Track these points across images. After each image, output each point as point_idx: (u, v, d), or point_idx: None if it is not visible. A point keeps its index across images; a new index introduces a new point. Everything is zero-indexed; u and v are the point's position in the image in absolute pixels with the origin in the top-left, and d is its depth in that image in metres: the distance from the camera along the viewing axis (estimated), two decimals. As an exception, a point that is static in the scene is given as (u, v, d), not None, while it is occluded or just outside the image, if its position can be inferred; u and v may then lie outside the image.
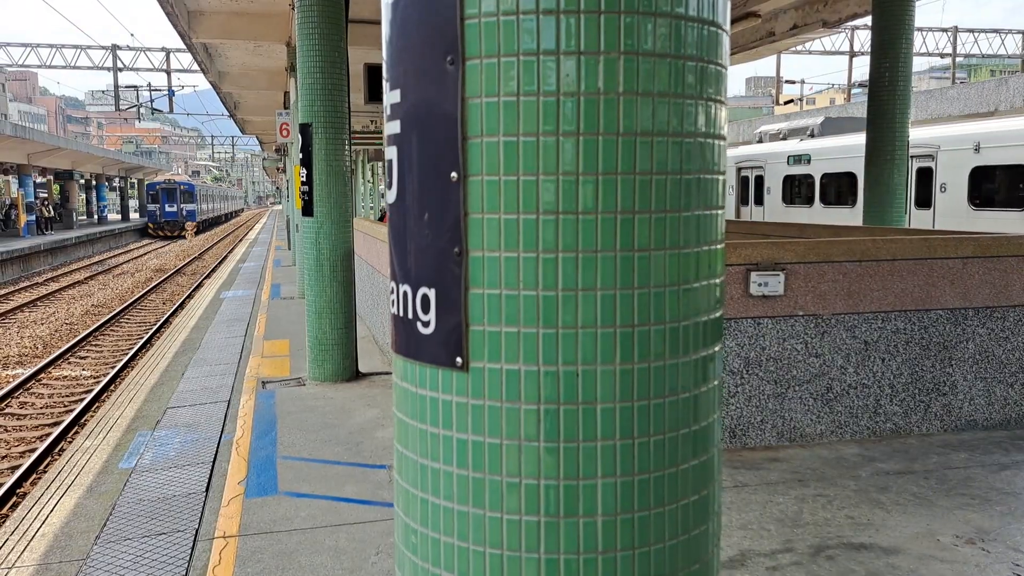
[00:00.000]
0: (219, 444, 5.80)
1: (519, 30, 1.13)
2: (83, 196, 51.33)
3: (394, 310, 1.30)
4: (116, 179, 54.85)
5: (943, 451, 5.12)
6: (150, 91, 36.99)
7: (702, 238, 1.23)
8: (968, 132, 12.35)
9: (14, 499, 7.22)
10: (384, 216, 16.21)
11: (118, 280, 24.94)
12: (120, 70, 32.88)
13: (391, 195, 1.30)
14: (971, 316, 5.45)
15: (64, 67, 34.63)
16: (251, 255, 27.13)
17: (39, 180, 41.52)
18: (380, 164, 31.98)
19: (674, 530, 1.21)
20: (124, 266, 29.77)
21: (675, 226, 1.19)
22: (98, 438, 6.22)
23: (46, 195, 44.02)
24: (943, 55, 36.59)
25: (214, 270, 25.81)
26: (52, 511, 4.71)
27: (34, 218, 34.76)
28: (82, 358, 13.07)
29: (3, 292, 21.19)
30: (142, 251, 37.54)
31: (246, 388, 7.44)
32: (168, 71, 32.62)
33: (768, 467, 4.87)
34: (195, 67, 26.78)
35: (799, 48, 30.85)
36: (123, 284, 23.78)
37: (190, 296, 19.67)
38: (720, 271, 1.29)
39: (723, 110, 1.26)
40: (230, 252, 33.81)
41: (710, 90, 1.22)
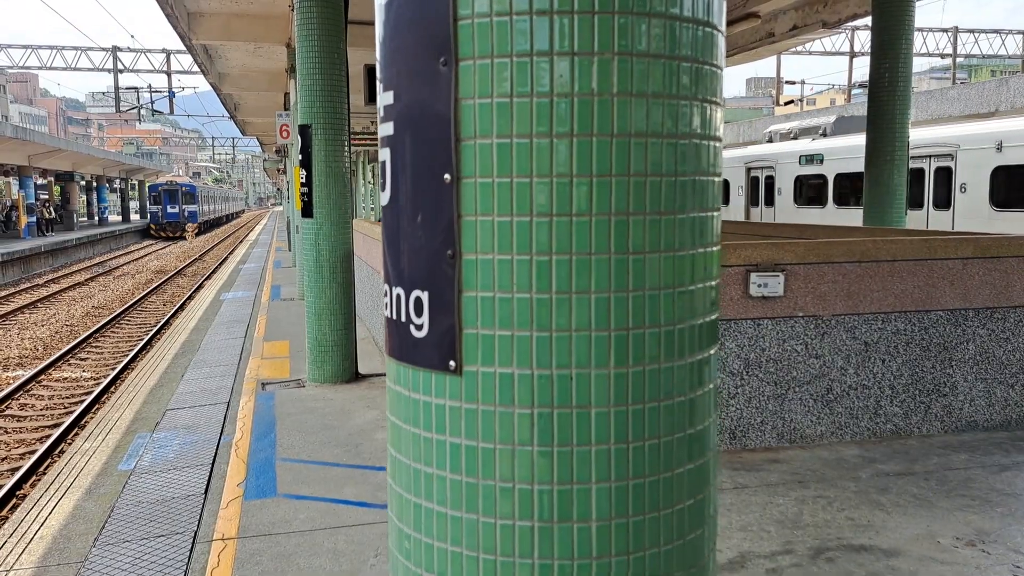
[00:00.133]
0: (218, 446, 5.80)
1: (512, 31, 1.12)
2: (84, 198, 51.36)
3: (387, 313, 1.29)
4: (117, 181, 54.87)
5: (943, 452, 5.11)
6: (151, 93, 37.00)
7: (697, 240, 1.22)
8: (990, 130, 11.93)
9: (14, 501, 7.22)
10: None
11: (119, 282, 24.93)
12: (120, 72, 32.90)
13: (385, 197, 1.29)
14: (971, 317, 5.44)
15: (64, 69, 34.67)
16: (251, 256, 27.13)
17: (40, 182, 41.52)
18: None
19: (669, 535, 1.19)
20: (125, 267, 29.77)
21: (670, 228, 1.18)
22: (97, 440, 6.21)
23: (47, 197, 44.02)
24: (943, 55, 36.60)
25: (215, 271, 25.81)
26: (51, 513, 4.70)
27: (35, 220, 34.77)
28: (82, 360, 13.07)
29: (4, 294, 21.20)
30: (143, 252, 37.54)
31: (246, 390, 7.43)
32: (168, 72, 32.64)
33: (768, 468, 4.85)
34: (195, 69, 26.75)
35: (799, 49, 30.84)
36: (124, 285, 23.77)
37: (190, 297, 19.66)
38: (716, 273, 1.28)
39: (718, 111, 1.25)
40: (231, 253, 33.81)
41: (705, 91, 1.21)
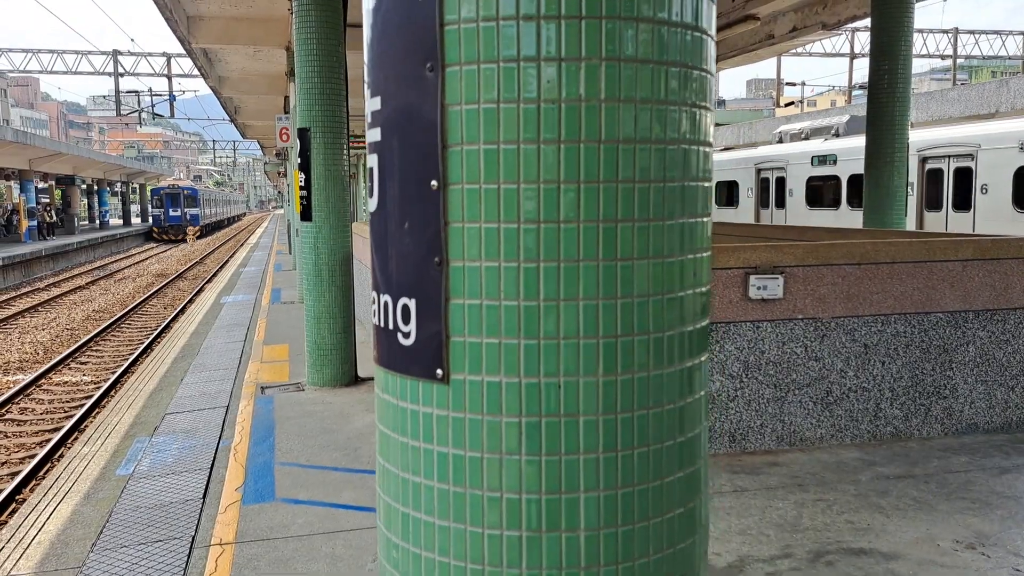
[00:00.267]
0: (217, 450, 5.79)
1: (499, 36, 1.11)
2: (85, 201, 51.41)
3: (375, 320, 1.28)
4: (118, 184, 54.91)
5: (944, 455, 5.09)
6: (151, 96, 37.03)
7: (687, 246, 1.20)
8: (1013, 129, 11.64)
9: (13, 505, 7.21)
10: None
11: (119, 285, 24.94)
12: (121, 75, 32.96)
13: (372, 203, 1.28)
14: (971, 319, 5.43)
15: (65, 73, 34.72)
16: (252, 259, 27.13)
17: (41, 185, 41.55)
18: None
19: (659, 544, 1.18)
20: (126, 271, 29.78)
21: (659, 234, 1.16)
22: (96, 444, 6.21)
23: (48, 200, 44.06)
24: (944, 57, 36.60)
25: (215, 274, 25.81)
26: (49, 518, 4.69)
27: (36, 223, 34.79)
28: (83, 364, 13.07)
29: (4, 298, 21.20)
30: (144, 256, 37.56)
31: (245, 393, 7.42)
32: (169, 76, 32.68)
33: (768, 471, 4.84)
34: (196, 72, 26.79)
35: (799, 50, 30.85)
36: (124, 289, 23.77)
37: (191, 301, 19.66)
38: (706, 279, 1.27)
39: (708, 116, 1.24)
40: (232, 256, 33.81)
41: (694, 96, 1.19)
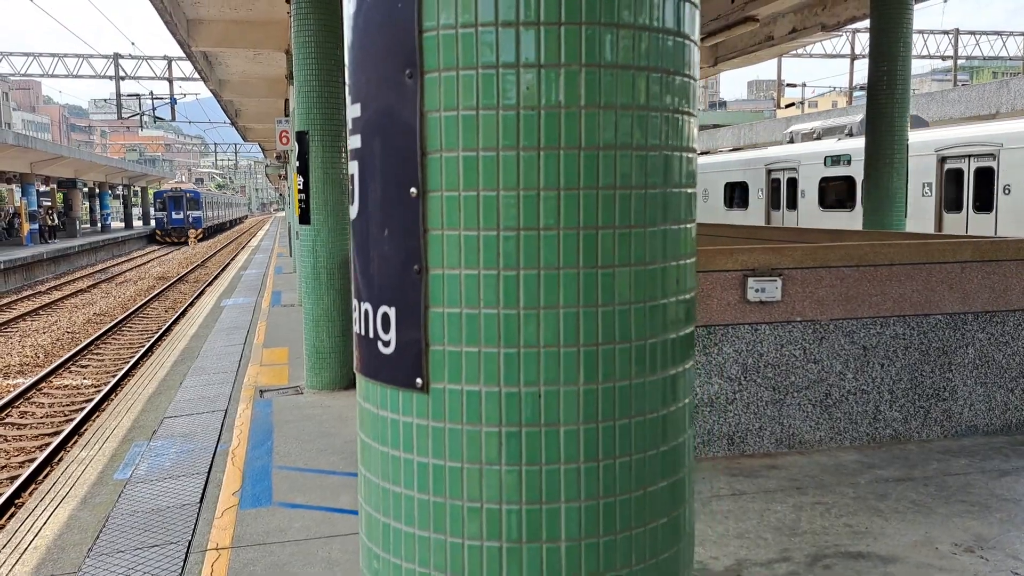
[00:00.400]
0: (215, 454, 5.78)
1: (478, 43, 1.10)
2: (86, 204, 51.47)
3: (356, 328, 1.27)
4: (120, 187, 54.97)
5: (943, 457, 5.07)
6: (152, 99, 37.09)
7: (669, 253, 1.19)
8: None
9: (12, 509, 7.20)
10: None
11: (121, 288, 24.95)
12: (122, 79, 33.02)
13: (353, 211, 1.27)
14: (971, 321, 5.41)
15: (66, 76, 34.77)
16: (253, 262, 27.13)
17: (42, 189, 41.61)
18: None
19: (642, 554, 1.17)
20: (127, 274, 29.80)
21: (640, 242, 1.15)
22: (94, 449, 6.20)
23: (49, 204, 44.10)
24: (945, 57, 36.57)
25: (216, 277, 25.82)
26: (46, 523, 4.69)
27: (37, 227, 34.83)
28: (83, 367, 13.07)
29: (6, 301, 21.22)
30: (145, 259, 37.59)
31: (244, 397, 7.41)
32: (170, 79, 32.73)
33: (766, 474, 4.82)
34: (196, 75, 26.83)
35: (800, 52, 30.84)
36: (126, 292, 23.79)
37: (192, 304, 19.67)
38: (691, 286, 1.26)
39: (692, 121, 1.23)
40: (232, 259, 33.82)
41: (676, 102, 1.18)
